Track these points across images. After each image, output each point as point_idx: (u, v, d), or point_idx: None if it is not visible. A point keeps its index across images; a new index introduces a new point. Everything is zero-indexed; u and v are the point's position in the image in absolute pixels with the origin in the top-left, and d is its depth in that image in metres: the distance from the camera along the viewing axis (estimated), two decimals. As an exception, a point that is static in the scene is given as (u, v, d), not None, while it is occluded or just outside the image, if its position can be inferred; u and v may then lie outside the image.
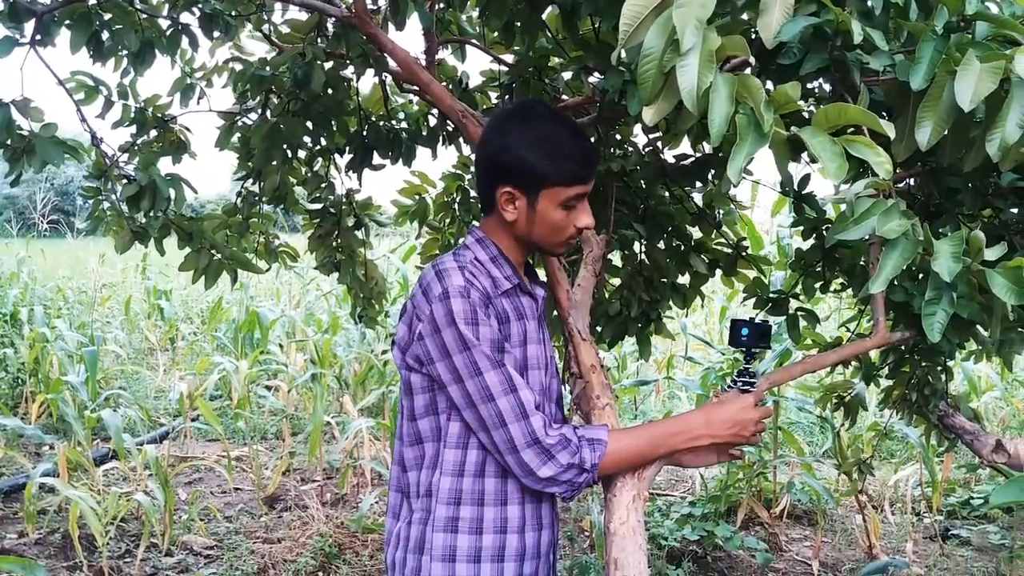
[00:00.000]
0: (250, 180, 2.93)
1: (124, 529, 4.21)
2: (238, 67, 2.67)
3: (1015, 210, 1.79)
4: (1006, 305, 1.20)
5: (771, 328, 1.59)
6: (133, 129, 2.76)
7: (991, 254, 1.21)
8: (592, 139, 1.62)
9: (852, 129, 1.21)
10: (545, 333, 1.56)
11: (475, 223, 1.58)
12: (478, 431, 1.39)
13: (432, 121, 2.85)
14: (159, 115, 2.79)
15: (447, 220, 2.96)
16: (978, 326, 1.58)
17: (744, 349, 1.58)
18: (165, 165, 2.70)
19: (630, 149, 2.36)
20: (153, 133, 2.81)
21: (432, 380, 1.41)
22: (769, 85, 1.33)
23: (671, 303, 2.49)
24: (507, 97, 2.44)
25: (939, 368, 2.25)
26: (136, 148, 2.76)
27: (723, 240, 2.42)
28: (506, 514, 1.44)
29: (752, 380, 1.52)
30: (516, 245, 1.50)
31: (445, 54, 2.71)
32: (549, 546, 1.52)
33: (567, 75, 2.37)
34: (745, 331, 1.57)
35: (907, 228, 1.19)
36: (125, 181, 2.51)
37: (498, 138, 1.44)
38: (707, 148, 2.23)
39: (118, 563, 3.82)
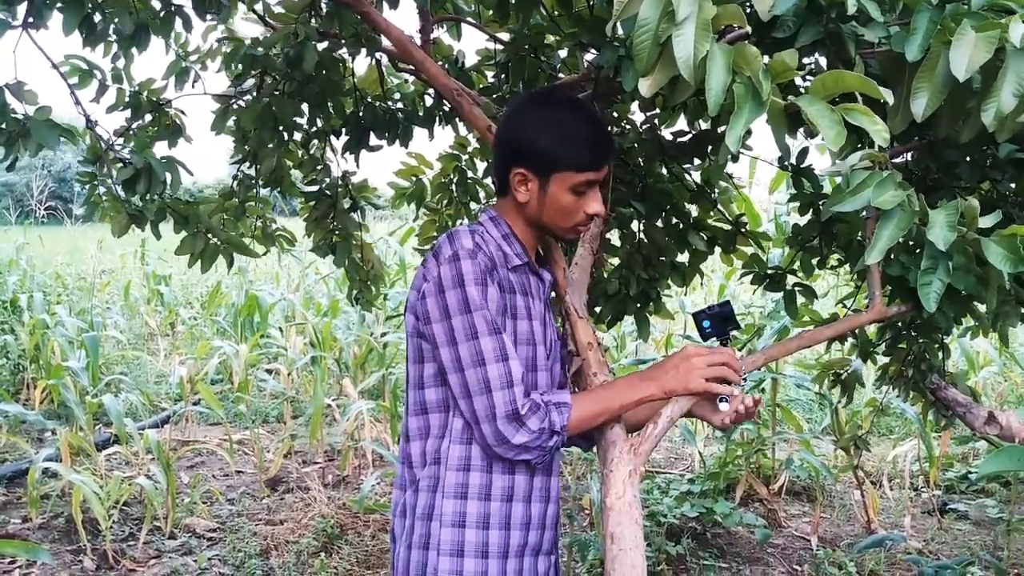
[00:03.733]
0: (246, 163, 2.92)
1: (127, 513, 4.23)
2: (231, 49, 2.65)
3: (1013, 183, 1.78)
4: (1002, 275, 1.21)
5: (731, 308, 1.58)
6: (128, 113, 2.75)
7: (986, 222, 1.21)
8: (608, 127, 1.62)
9: (849, 98, 1.20)
10: (550, 316, 1.57)
11: (491, 203, 1.60)
12: (460, 396, 1.40)
13: (428, 101, 2.84)
14: (154, 99, 2.78)
15: (445, 202, 2.95)
16: (974, 300, 1.58)
17: (714, 338, 1.58)
18: (161, 149, 2.69)
19: (627, 127, 2.36)
20: (148, 117, 2.80)
21: None
22: (765, 59, 1.33)
23: (670, 281, 2.49)
24: (503, 76, 2.43)
25: (936, 344, 2.25)
26: (131, 132, 2.74)
27: (722, 217, 2.41)
28: (513, 483, 1.46)
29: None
30: (528, 228, 1.52)
31: (440, 33, 2.69)
32: (554, 519, 1.55)
33: (563, 52, 2.36)
34: (707, 323, 1.57)
35: (903, 199, 1.19)
36: (121, 165, 2.51)
37: (516, 120, 1.47)
38: (704, 124, 2.22)
39: (121, 546, 3.85)
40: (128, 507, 4.27)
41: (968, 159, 1.68)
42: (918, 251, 1.41)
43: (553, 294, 1.67)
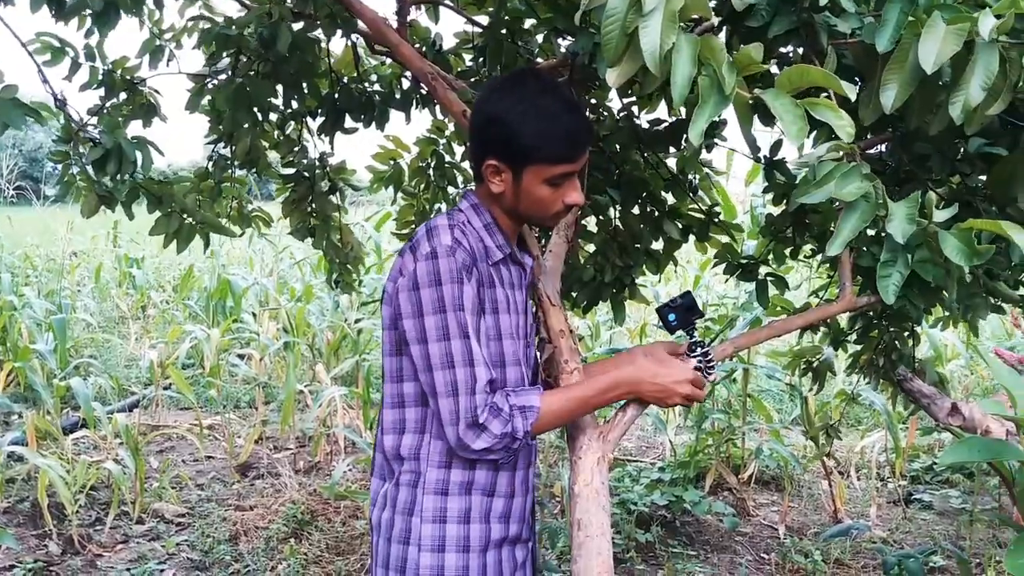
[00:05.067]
0: (221, 144, 2.89)
1: (94, 498, 4.18)
2: (206, 27, 2.61)
3: (982, 177, 1.81)
4: (962, 268, 1.22)
5: (694, 298, 1.59)
6: (102, 92, 2.70)
7: (940, 216, 1.22)
8: (586, 115, 1.60)
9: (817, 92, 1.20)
10: (528, 303, 1.56)
11: (470, 187, 1.57)
12: (429, 395, 1.39)
13: (406, 84, 2.82)
14: (128, 77, 2.73)
15: (422, 186, 2.94)
16: (944, 291, 1.60)
17: (681, 330, 1.59)
18: (136, 129, 2.66)
19: (605, 114, 2.35)
20: (122, 96, 2.75)
21: None
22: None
23: (645, 269, 2.50)
24: (481, 59, 2.41)
25: (906, 334, 2.28)
26: (105, 111, 2.70)
27: (696, 206, 2.42)
28: (495, 479, 1.46)
29: (706, 352, 1.53)
30: (506, 216, 1.48)
31: (418, 15, 2.67)
32: (531, 508, 1.56)
33: (541, 38, 2.35)
34: (672, 317, 1.58)
35: (866, 190, 1.20)
36: (91, 145, 2.47)
37: (487, 108, 1.41)
38: (683, 113, 2.22)
39: (88, 531, 3.81)
40: (95, 492, 4.22)
41: (938, 152, 1.70)
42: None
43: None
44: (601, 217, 2.45)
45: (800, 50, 1.51)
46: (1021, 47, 1.19)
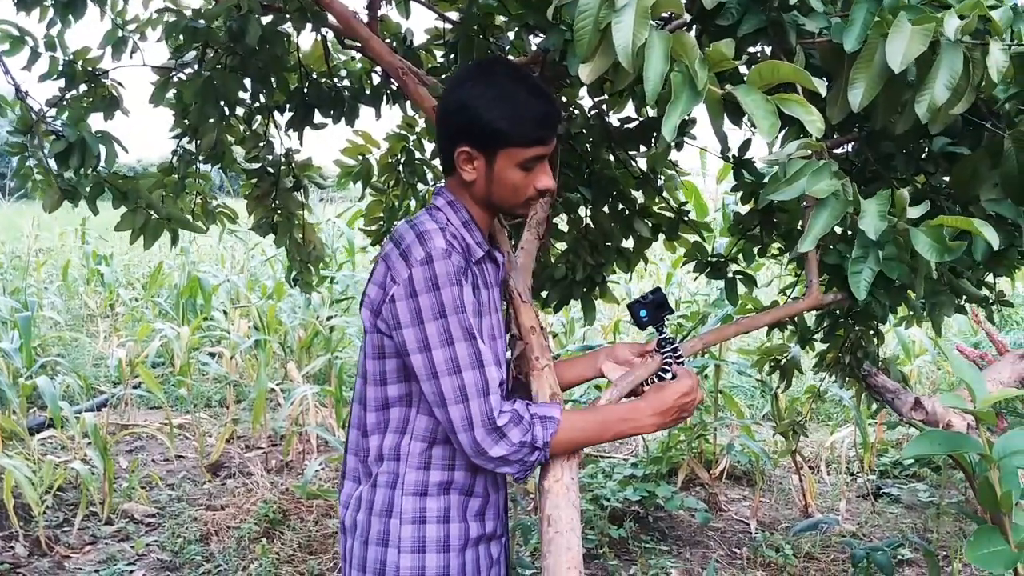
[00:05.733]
0: (186, 138, 2.85)
1: (62, 498, 4.12)
2: (172, 19, 2.57)
3: (946, 176, 1.83)
4: (929, 264, 1.23)
5: (664, 295, 1.59)
6: (62, 83, 2.65)
7: (914, 213, 1.24)
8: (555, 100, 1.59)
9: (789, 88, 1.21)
10: (500, 300, 1.56)
11: (440, 184, 1.55)
12: (435, 405, 1.35)
13: (376, 79, 2.80)
14: (89, 69, 2.68)
15: (391, 182, 2.92)
16: (908, 290, 1.62)
17: (651, 325, 1.59)
18: (97, 122, 2.61)
19: (576, 112, 2.35)
20: (83, 88, 2.70)
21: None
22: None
23: (615, 267, 2.51)
24: (452, 55, 2.40)
25: (872, 332, 2.31)
26: (65, 103, 2.65)
27: (666, 205, 2.43)
28: (473, 479, 1.44)
29: (675, 347, 1.54)
30: (480, 208, 1.46)
31: (389, 10, 2.64)
32: (505, 505, 1.55)
33: (512, 34, 2.34)
34: (643, 313, 1.58)
35: (837, 188, 1.21)
36: (53, 137, 2.42)
37: (456, 96, 1.40)
38: (652, 112, 2.23)
39: (55, 532, 3.75)
40: (63, 492, 4.16)
41: (904, 151, 1.72)
42: (855, 240, 1.44)
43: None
44: (572, 215, 2.45)
45: (769, 49, 1.52)
46: (984, 48, 1.21)
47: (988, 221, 1.28)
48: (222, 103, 2.60)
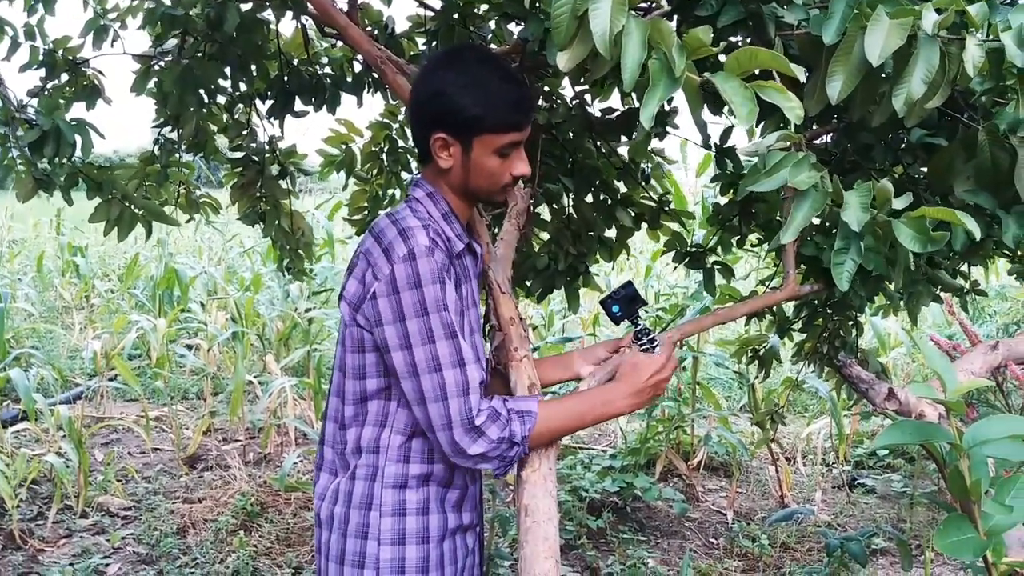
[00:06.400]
0: (168, 127, 2.82)
1: (36, 491, 4.08)
2: (151, 6, 2.54)
3: (924, 167, 1.85)
4: (909, 256, 1.25)
5: (635, 288, 1.60)
6: (42, 73, 2.61)
7: (898, 204, 1.25)
8: (528, 85, 1.59)
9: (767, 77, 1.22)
10: (478, 292, 1.56)
11: (417, 175, 1.54)
12: (414, 402, 1.35)
13: (357, 67, 2.78)
14: (70, 58, 2.64)
15: (375, 171, 2.90)
16: (886, 280, 1.64)
17: (625, 319, 1.60)
18: (80, 112, 2.57)
19: (557, 102, 2.35)
20: (64, 77, 2.66)
21: None
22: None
23: (598, 256, 2.52)
24: (434, 44, 2.39)
25: (850, 322, 2.33)
26: (46, 93, 2.61)
27: (648, 195, 2.44)
28: (452, 471, 1.45)
29: (652, 338, 1.54)
30: (458, 197, 1.46)
31: (370, -2, 2.63)
32: (481, 496, 1.57)
33: (494, 23, 2.34)
34: (616, 308, 1.58)
35: (817, 180, 1.22)
36: (28, 126, 2.38)
37: (430, 83, 1.39)
38: (635, 102, 2.23)
39: (29, 525, 3.71)
40: (37, 485, 4.11)
41: (882, 143, 1.73)
42: (833, 232, 1.46)
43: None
44: (555, 205, 2.45)
45: (748, 40, 1.52)
46: (960, 42, 1.22)
47: (966, 212, 1.30)
48: (202, 91, 2.58)
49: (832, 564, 2.52)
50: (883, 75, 1.29)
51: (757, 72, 1.20)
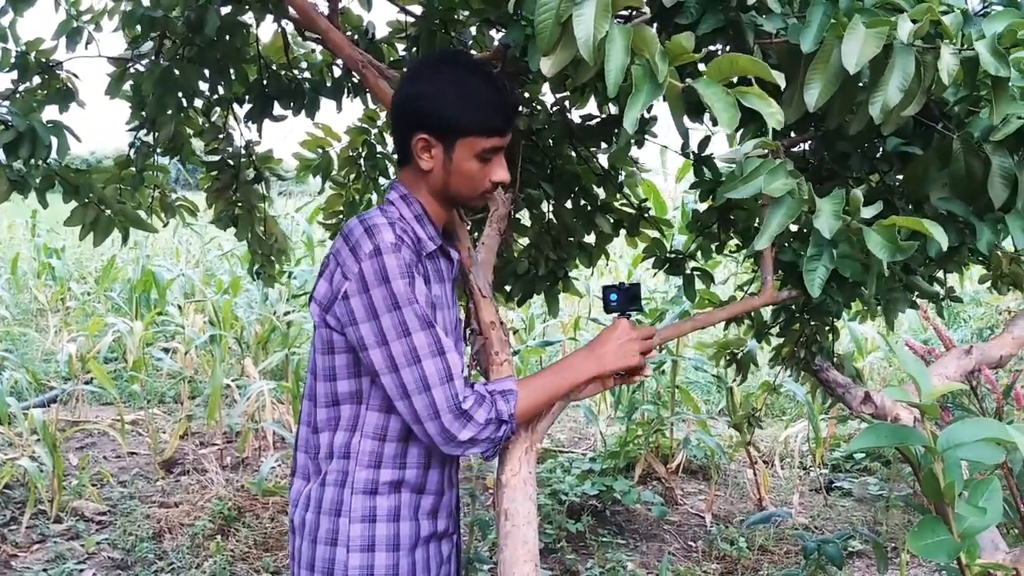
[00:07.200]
0: (143, 130, 2.79)
1: (9, 496, 4.02)
2: (128, 7, 2.52)
3: (900, 176, 1.87)
4: (882, 263, 1.26)
5: (640, 289, 1.61)
6: (15, 75, 2.58)
7: (867, 213, 1.27)
8: (512, 92, 1.60)
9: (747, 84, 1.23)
10: (455, 297, 1.56)
11: (396, 178, 1.54)
12: (397, 398, 1.34)
13: (337, 72, 2.77)
14: (43, 60, 2.61)
15: (352, 176, 2.89)
16: (862, 286, 1.65)
17: (618, 314, 1.61)
18: (53, 115, 2.54)
19: (538, 108, 2.36)
20: (37, 80, 2.63)
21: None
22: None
23: (577, 262, 2.53)
24: (414, 49, 2.39)
25: (827, 327, 2.36)
26: (18, 95, 2.58)
27: (627, 201, 2.46)
28: (425, 476, 1.44)
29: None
30: (435, 201, 1.46)
31: (350, 3, 2.63)
32: (457, 503, 1.56)
33: (475, 29, 2.34)
34: (614, 297, 1.59)
35: (792, 187, 1.23)
36: (2, 127, 2.35)
37: (415, 85, 1.40)
38: (614, 109, 2.24)
39: (2, 531, 3.66)
40: (10, 490, 4.05)
41: (858, 151, 1.76)
42: (810, 238, 1.47)
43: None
44: (535, 211, 2.46)
45: (728, 48, 1.54)
46: (935, 52, 1.24)
47: (941, 219, 1.32)
48: (180, 94, 2.56)
49: (809, 566, 2.54)
50: (860, 83, 1.31)
51: (736, 79, 1.21)
